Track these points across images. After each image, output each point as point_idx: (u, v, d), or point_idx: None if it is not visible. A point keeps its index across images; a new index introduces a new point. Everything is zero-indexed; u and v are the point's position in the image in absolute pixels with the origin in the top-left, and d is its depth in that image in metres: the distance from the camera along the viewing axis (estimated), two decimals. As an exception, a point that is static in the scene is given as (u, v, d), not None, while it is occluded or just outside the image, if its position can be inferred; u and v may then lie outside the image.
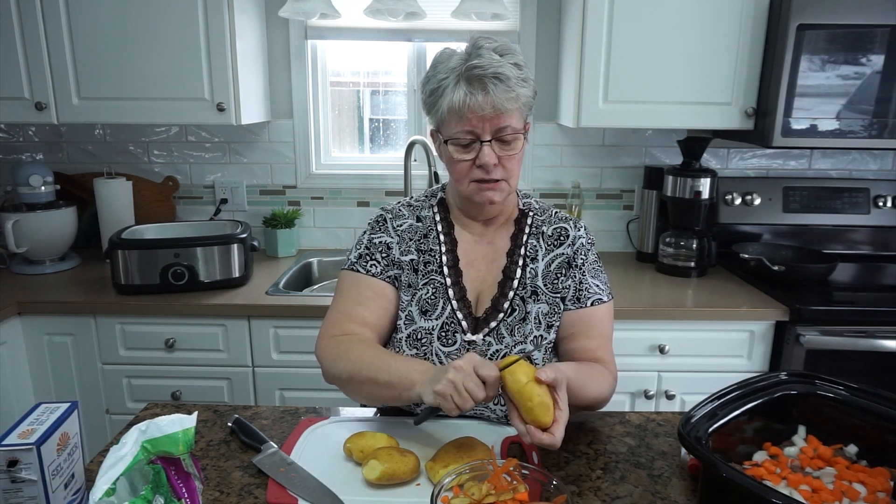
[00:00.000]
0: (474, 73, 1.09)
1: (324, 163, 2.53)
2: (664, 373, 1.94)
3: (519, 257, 1.24)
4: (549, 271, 1.23)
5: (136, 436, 0.80)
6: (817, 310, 1.84)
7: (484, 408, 1.19)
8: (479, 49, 1.12)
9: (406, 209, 1.29)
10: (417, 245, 1.24)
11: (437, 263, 1.23)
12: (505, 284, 1.22)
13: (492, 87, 1.08)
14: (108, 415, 1.99)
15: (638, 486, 1.01)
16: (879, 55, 1.88)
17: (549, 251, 1.25)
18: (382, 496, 0.96)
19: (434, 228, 1.26)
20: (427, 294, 1.21)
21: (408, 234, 1.25)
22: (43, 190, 2.14)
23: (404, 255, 1.24)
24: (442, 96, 1.12)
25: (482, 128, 1.12)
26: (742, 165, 2.45)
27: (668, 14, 1.96)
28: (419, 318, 1.20)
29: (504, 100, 1.09)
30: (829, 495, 0.82)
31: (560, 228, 1.27)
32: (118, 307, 1.89)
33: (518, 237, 1.26)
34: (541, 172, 2.45)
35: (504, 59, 1.11)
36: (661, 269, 2.24)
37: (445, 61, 1.14)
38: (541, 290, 1.22)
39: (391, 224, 1.26)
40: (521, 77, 1.12)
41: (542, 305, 1.21)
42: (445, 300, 1.21)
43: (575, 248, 1.25)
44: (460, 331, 1.19)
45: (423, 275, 1.22)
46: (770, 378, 0.99)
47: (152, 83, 2.02)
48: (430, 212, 1.28)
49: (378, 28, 2.33)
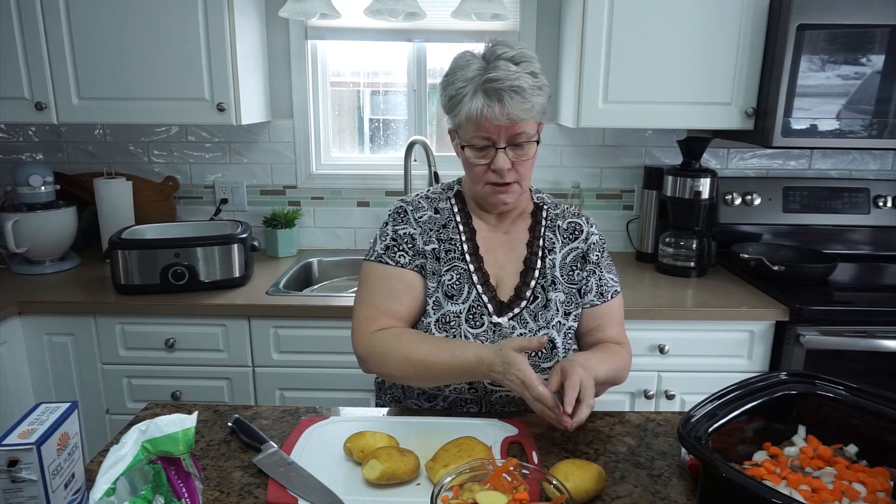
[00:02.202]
0: (492, 87, 1.14)
1: (324, 163, 2.53)
2: (664, 373, 1.94)
3: (538, 248, 1.31)
4: (566, 263, 1.31)
5: (136, 436, 0.80)
6: (817, 310, 1.84)
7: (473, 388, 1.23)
8: (496, 59, 1.16)
9: (424, 201, 1.33)
10: (438, 235, 1.29)
11: (458, 251, 1.28)
12: (527, 274, 1.29)
13: (508, 100, 1.14)
14: (108, 415, 1.99)
15: (638, 486, 1.01)
16: (879, 55, 1.88)
17: (565, 244, 1.32)
18: (382, 496, 0.96)
19: (453, 219, 1.31)
20: (451, 280, 1.26)
21: (428, 224, 1.30)
22: (43, 190, 2.14)
23: (427, 245, 1.28)
24: (460, 104, 1.17)
25: (498, 135, 1.17)
26: (742, 165, 2.45)
27: (668, 14, 1.96)
28: (446, 302, 1.25)
29: (520, 111, 1.14)
30: (829, 495, 0.82)
31: (574, 223, 1.34)
32: (118, 307, 1.89)
33: (536, 229, 1.33)
34: (541, 172, 2.45)
35: (520, 69, 1.16)
36: (660, 269, 2.24)
37: (464, 68, 1.18)
38: (558, 280, 1.29)
39: (412, 216, 1.30)
40: (536, 86, 1.17)
41: (559, 294, 1.28)
42: (470, 285, 1.26)
43: (588, 244, 1.32)
44: (486, 313, 1.25)
45: (445, 262, 1.27)
46: (770, 378, 0.99)
47: (152, 83, 2.02)
48: (447, 203, 1.33)
49: (378, 28, 2.33)
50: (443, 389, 1.26)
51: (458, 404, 1.28)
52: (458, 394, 1.26)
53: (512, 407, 1.27)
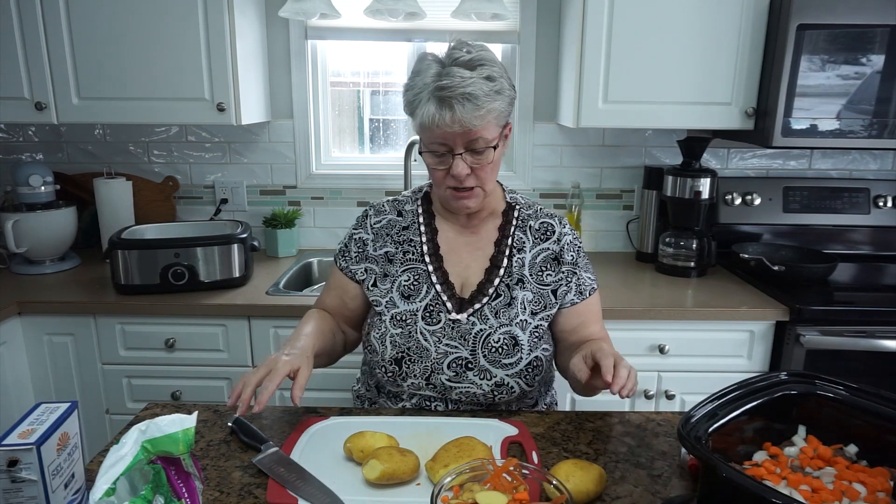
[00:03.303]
0: (443, 94, 1.13)
1: (324, 163, 2.53)
2: (664, 373, 1.94)
3: (506, 247, 1.32)
4: (535, 263, 1.31)
5: (136, 436, 0.80)
6: (817, 310, 1.84)
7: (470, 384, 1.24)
8: (451, 64, 1.15)
9: (389, 205, 1.38)
10: (395, 238, 1.34)
11: (418, 252, 1.32)
12: (491, 272, 1.30)
13: (459, 108, 1.12)
14: (108, 415, 1.99)
15: (638, 486, 1.01)
16: (879, 55, 1.88)
17: (535, 244, 1.33)
18: (382, 496, 0.96)
19: (416, 221, 1.35)
20: (408, 280, 1.30)
21: (384, 229, 1.35)
22: (43, 190, 2.14)
23: (378, 250, 1.34)
24: (416, 109, 1.17)
25: (454, 141, 1.17)
26: (742, 165, 2.45)
27: (668, 14, 1.96)
28: (401, 301, 1.28)
29: (472, 118, 1.13)
30: (829, 495, 0.82)
31: (546, 224, 1.35)
32: (118, 307, 1.89)
33: (506, 228, 1.34)
34: (541, 172, 2.45)
35: (475, 75, 1.14)
36: (660, 269, 2.24)
37: (423, 73, 1.17)
38: (527, 279, 1.30)
39: (370, 221, 1.37)
40: (493, 90, 1.15)
41: (527, 293, 1.28)
42: (429, 284, 1.29)
43: (562, 246, 1.33)
44: (445, 310, 1.27)
45: (400, 263, 1.31)
46: (770, 378, 0.99)
47: (152, 83, 2.02)
48: (413, 206, 1.37)
49: (378, 28, 2.33)
50: (405, 389, 1.28)
51: (423, 402, 1.29)
52: (417, 389, 1.26)
53: (475, 405, 1.28)
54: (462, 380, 1.24)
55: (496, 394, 1.24)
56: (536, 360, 1.26)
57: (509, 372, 1.23)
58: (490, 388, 1.24)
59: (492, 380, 1.23)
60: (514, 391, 1.25)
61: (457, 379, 1.24)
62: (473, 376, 1.24)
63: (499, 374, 1.23)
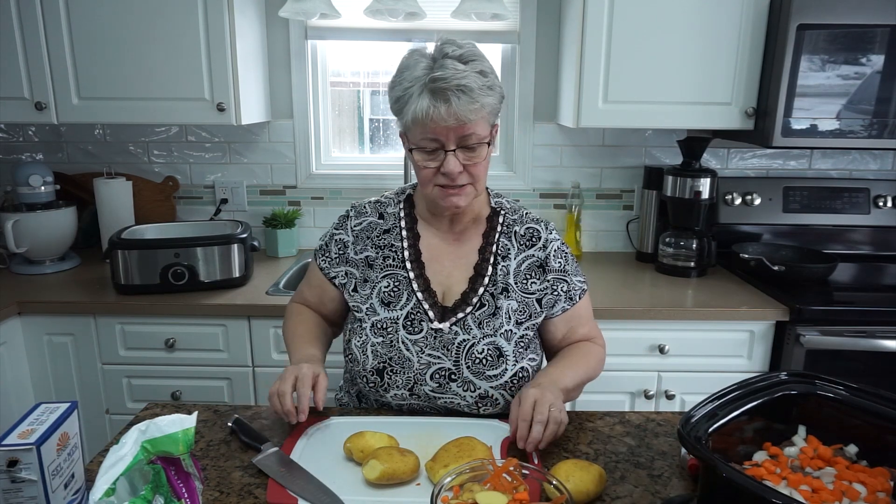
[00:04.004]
0: (437, 86, 1.10)
1: (324, 163, 2.53)
2: (664, 373, 1.94)
3: (490, 255, 1.28)
4: (520, 271, 1.27)
5: (136, 436, 0.80)
6: (817, 310, 1.84)
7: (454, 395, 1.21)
8: (443, 58, 1.13)
9: (370, 206, 1.34)
10: (375, 242, 1.30)
11: (399, 258, 1.28)
12: (475, 280, 1.26)
13: (454, 100, 1.10)
14: (108, 415, 1.99)
15: (638, 486, 1.01)
16: (879, 55, 1.88)
17: (520, 251, 1.29)
18: (382, 496, 0.96)
19: (397, 224, 1.31)
20: (388, 287, 1.26)
21: (365, 232, 1.31)
22: (43, 190, 2.14)
23: (359, 254, 1.30)
24: (407, 104, 1.14)
25: (447, 137, 1.14)
26: (742, 165, 2.45)
27: (668, 14, 1.96)
28: (382, 309, 1.25)
29: (467, 111, 1.11)
30: (829, 495, 0.82)
31: (532, 229, 1.30)
32: (118, 307, 1.89)
33: (490, 235, 1.30)
34: (541, 172, 2.45)
35: (468, 68, 1.12)
36: (660, 269, 2.24)
37: (412, 68, 1.15)
38: (512, 287, 1.25)
39: (351, 223, 1.33)
40: (485, 85, 1.13)
41: (511, 302, 1.24)
42: (410, 291, 1.25)
43: (548, 252, 1.29)
44: (426, 319, 1.23)
45: (380, 269, 1.27)
46: (770, 378, 0.99)
47: (152, 83, 2.02)
48: (396, 208, 1.33)
49: (378, 28, 2.33)
50: (388, 400, 1.24)
51: (411, 411, 1.25)
52: (401, 400, 1.23)
53: (459, 415, 1.24)
54: (445, 391, 1.20)
55: (480, 406, 1.20)
56: (522, 371, 1.21)
57: (494, 384, 1.19)
58: (474, 399, 1.20)
59: (475, 391, 1.19)
60: (498, 403, 1.21)
61: (440, 390, 1.20)
62: (457, 388, 1.20)
63: (482, 386, 1.19)
